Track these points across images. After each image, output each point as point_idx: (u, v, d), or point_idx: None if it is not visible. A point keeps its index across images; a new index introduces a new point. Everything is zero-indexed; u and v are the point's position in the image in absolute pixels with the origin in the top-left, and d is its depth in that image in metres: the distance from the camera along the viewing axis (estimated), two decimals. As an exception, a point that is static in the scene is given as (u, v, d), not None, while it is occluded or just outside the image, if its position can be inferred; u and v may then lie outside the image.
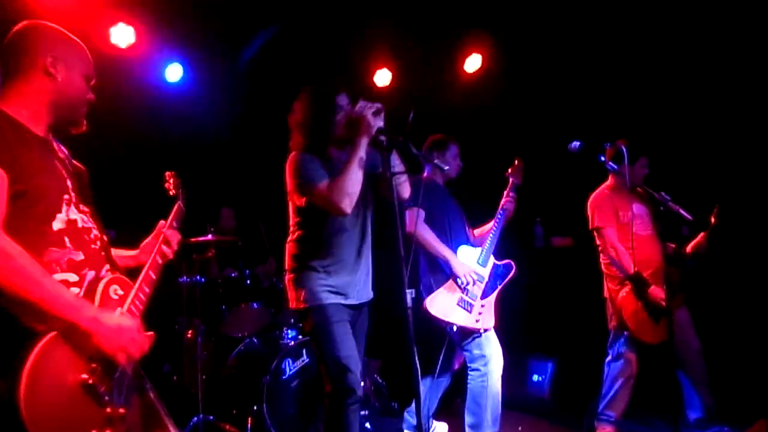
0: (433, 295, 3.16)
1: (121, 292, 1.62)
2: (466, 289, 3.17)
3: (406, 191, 2.47)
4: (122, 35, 3.95)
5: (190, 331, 3.47)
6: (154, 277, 1.77)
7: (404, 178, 2.42)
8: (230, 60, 4.89)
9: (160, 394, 2.29)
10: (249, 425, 3.26)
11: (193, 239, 3.38)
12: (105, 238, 1.72)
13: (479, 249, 3.31)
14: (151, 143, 4.48)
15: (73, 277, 1.54)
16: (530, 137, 4.75)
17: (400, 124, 2.31)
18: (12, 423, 1.30)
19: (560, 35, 4.54)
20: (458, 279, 3.15)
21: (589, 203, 3.55)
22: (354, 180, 2.31)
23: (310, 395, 3.45)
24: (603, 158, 2.85)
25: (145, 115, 4.46)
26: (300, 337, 3.64)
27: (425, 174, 3.43)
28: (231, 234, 4.21)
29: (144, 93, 4.50)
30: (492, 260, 3.33)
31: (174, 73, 4.58)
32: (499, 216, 3.38)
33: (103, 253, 1.67)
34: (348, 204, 2.32)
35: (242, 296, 3.78)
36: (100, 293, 1.56)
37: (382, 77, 5.09)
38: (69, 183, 1.62)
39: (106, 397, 1.48)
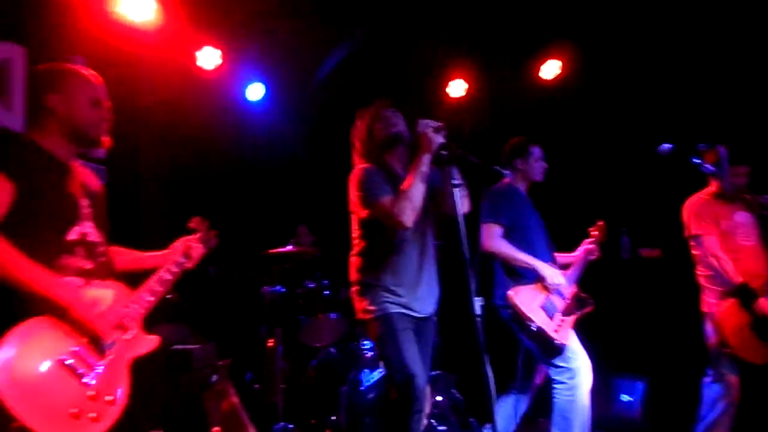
0: (518, 287, 3.06)
1: (111, 296, 1.79)
2: (549, 297, 3.06)
3: (465, 204, 2.51)
4: (208, 58, 4.16)
5: (271, 340, 3.56)
6: (159, 288, 1.94)
7: (464, 191, 2.47)
8: (309, 77, 5.04)
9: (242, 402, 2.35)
10: (327, 435, 3.28)
11: (272, 250, 3.49)
12: (109, 252, 1.94)
13: (562, 272, 3.21)
14: (234, 159, 4.68)
15: (78, 282, 1.75)
16: (613, 144, 4.57)
17: (460, 137, 2.34)
18: None
19: (643, 37, 4.35)
20: (546, 281, 3.06)
21: (685, 209, 3.33)
22: (416, 195, 2.41)
23: (386, 409, 3.42)
24: (698, 161, 2.66)
25: (229, 133, 4.68)
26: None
27: (507, 180, 3.34)
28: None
29: (228, 111, 4.72)
30: (574, 287, 3.24)
31: (255, 92, 4.77)
32: (585, 253, 3.35)
33: (108, 267, 1.90)
34: (409, 218, 2.40)
35: (320, 307, 3.83)
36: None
37: (457, 88, 5.06)
38: (83, 201, 1.86)
39: (86, 378, 1.63)
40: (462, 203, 2.38)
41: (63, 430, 1.54)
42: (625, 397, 3.80)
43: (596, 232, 3.46)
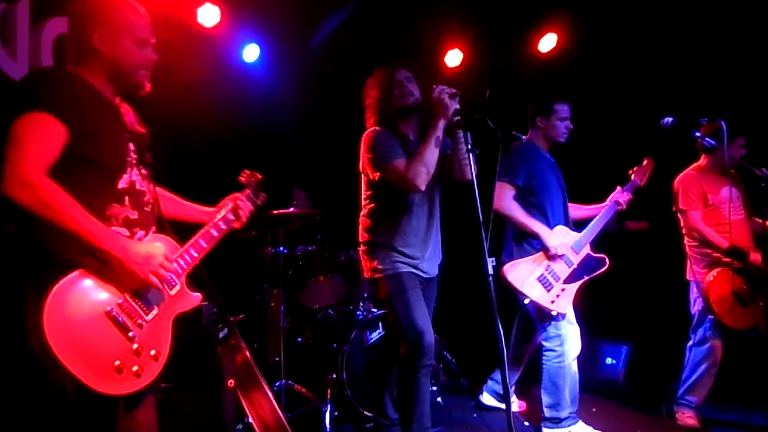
0: (514, 262, 3.10)
1: (162, 250, 1.76)
2: (551, 267, 3.08)
3: (474, 169, 2.53)
4: (208, 15, 4.07)
5: (273, 301, 3.60)
6: (204, 245, 1.91)
7: (473, 157, 2.48)
8: (304, 40, 4.98)
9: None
10: (328, 392, 3.36)
11: (276, 211, 3.50)
12: (156, 201, 1.88)
13: (576, 234, 3.17)
14: (230, 120, 4.63)
15: (125, 233, 1.71)
16: (607, 118, 4.66)
17: (477, 102, 2.38)
18: (40, 345, 1.46)
19: (641, 11, 4.40)
20: (549, 251, 3.04)
21: (675, 184, 3.48)
22: (431, 159, 2.48)
23: (385, 366, 3.52)
24: (699, 134, 2.76)
25: (224, 94, 4.60)
26: (374, 310, 3.71)
27: (525, 138, 3.30)
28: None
29: (224, 72, 4.64)
30: (587, 249, 3.19)
31: (251, 53, 4.70)
32: (609, 208, 3.27)
33: (152, 216, 1.84)
34: (423, 181, 2.48)
35: (320, 269, 3.87)
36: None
37: (453, 57, 5.07)
38: (131, 146, 1.79)
39: (131, 332, 1.61)
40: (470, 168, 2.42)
41: (106, 381, 1.53)
42: (610, 360, 3.98)
43: (636, 171, 3.37)
